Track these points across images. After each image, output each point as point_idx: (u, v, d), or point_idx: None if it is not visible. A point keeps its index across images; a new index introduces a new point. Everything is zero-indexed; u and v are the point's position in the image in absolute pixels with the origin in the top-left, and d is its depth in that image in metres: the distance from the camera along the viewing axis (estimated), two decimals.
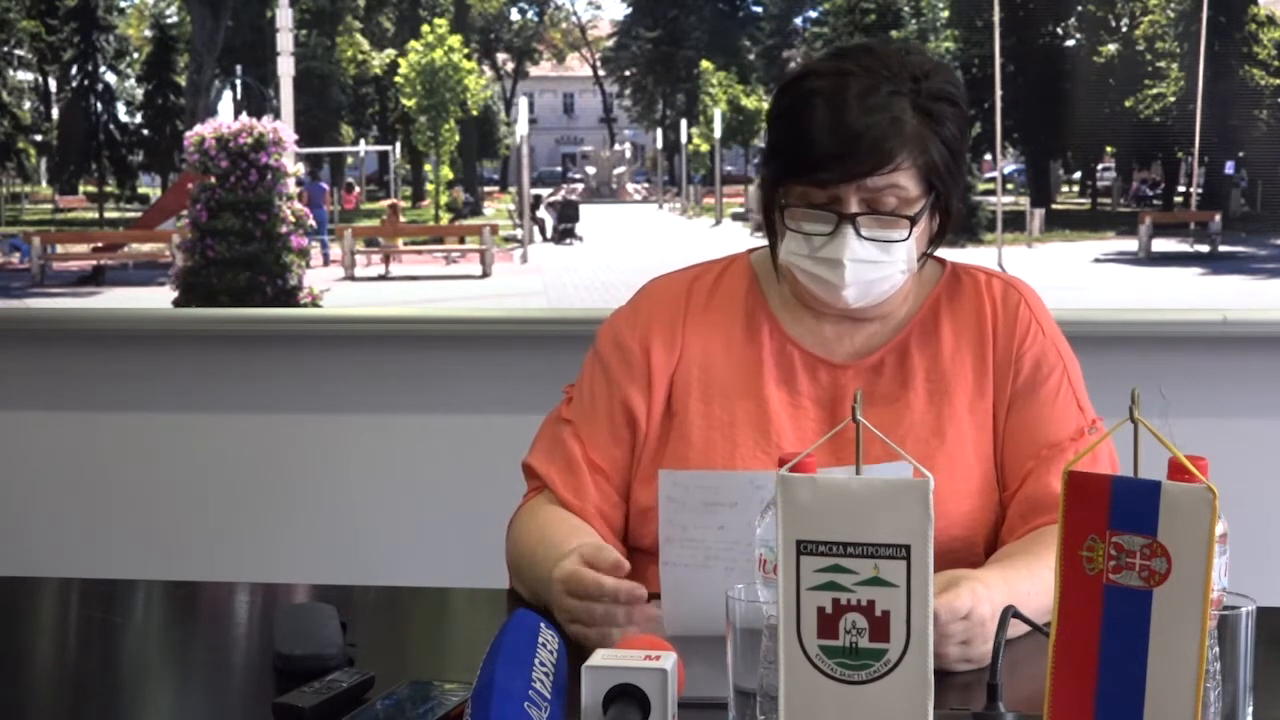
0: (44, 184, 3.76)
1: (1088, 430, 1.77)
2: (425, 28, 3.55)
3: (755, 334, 1.83)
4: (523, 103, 3.70)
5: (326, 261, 3.60)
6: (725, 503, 1.54)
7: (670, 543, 1.57)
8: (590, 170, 3.74)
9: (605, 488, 1.81)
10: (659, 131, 3.68)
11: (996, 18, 3.29)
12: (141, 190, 3.71)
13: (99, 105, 3.69)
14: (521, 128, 3.68)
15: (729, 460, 1.76)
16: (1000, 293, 1.83)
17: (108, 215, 3.68)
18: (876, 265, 1.71)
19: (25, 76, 3.71)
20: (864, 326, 1.82)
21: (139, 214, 3.68)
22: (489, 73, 3.65)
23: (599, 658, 1.21)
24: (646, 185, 3.75)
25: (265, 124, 3.46)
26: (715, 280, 1.88)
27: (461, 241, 3.70)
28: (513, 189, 3.67)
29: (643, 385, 1.82)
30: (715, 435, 1.78)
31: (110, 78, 3.69)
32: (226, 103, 3.65)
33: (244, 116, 3.51)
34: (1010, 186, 3.49)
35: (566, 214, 3.67)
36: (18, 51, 3.68)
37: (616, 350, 1.85)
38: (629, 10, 3.63)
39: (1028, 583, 1.53)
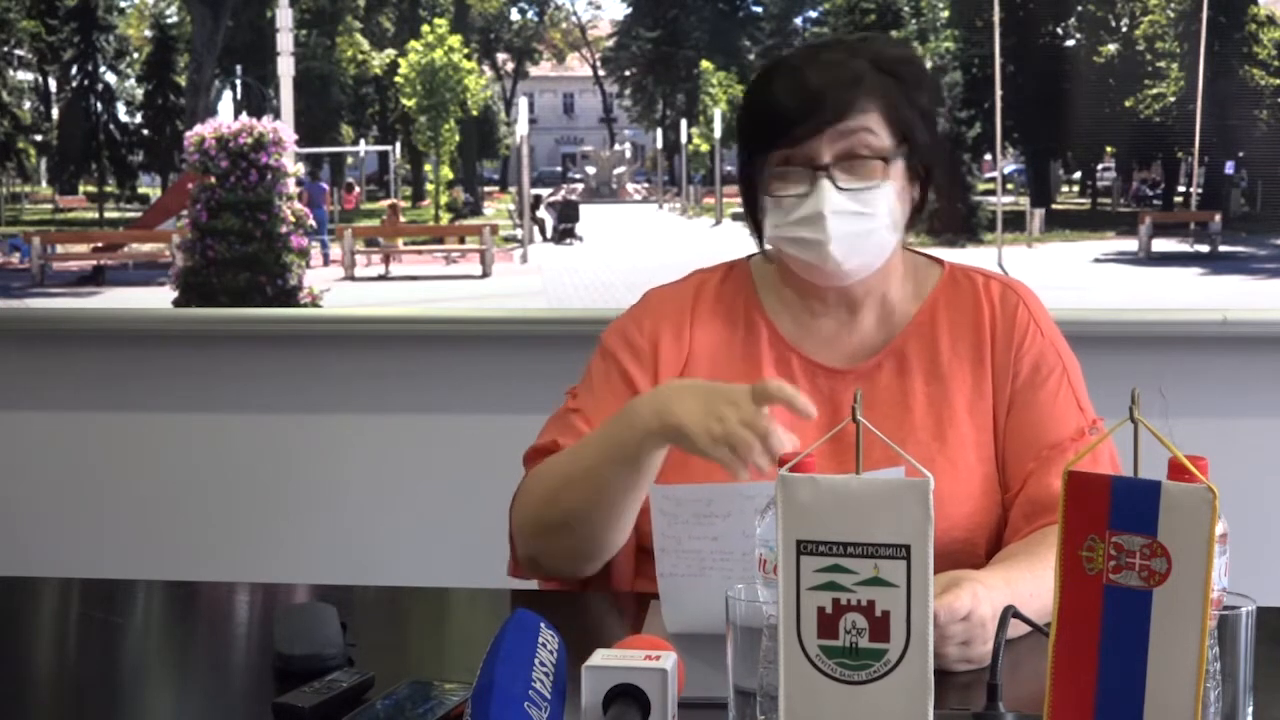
0: (44, 184, 3.76)
1: (1088, 430, 1.77)
2: (425, 28, 3.55)
3: (754, 340, 1.84)
4: (523, 103, 3.70)
5: (326, 261, 3.60)
6: (718, 514, 1.55)
7: (665, 554, 1.57)
8: (590, 170, 3.74)
9: None
10: (659, 131, 3.68)
11: (996, 18, 3.29)
12: (141, 190, 3.70)
13: (99, 105, 3.69)
14: (521, 128, 3.67)
15: None
16: (999, 294, 1.83)
17: (108, 215, 3.68)
18: (859, 217, 1.73)
19: (25, 76, 3.71)
20: (860, 320, 1.83)
21: (139, 214, 3.68)
22: (489, 73, 3.65)
23: (599, 658, 1.21)
24: (646, 185, 3.75)
25: (265, 124, 3.46)
26: (718, 287, 1.89)
27: (461, 241, 3.70)
28: (513, 189, 3.67)
29: (651, 376, 1.82)
30: None
31: (110, 78, 3.68)
32: (226, 103, 3.65)
33: (244, 116, 3.51)
34: (1010, 186, 3.49)
35: (566, 214, 3.67)
36: (18, 51, 3.68)
37: (625, 345, 1.86)
38: (629, 10, 3.63)
39: (1030, 583, 1.53)
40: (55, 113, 3.74)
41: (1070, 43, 3.40)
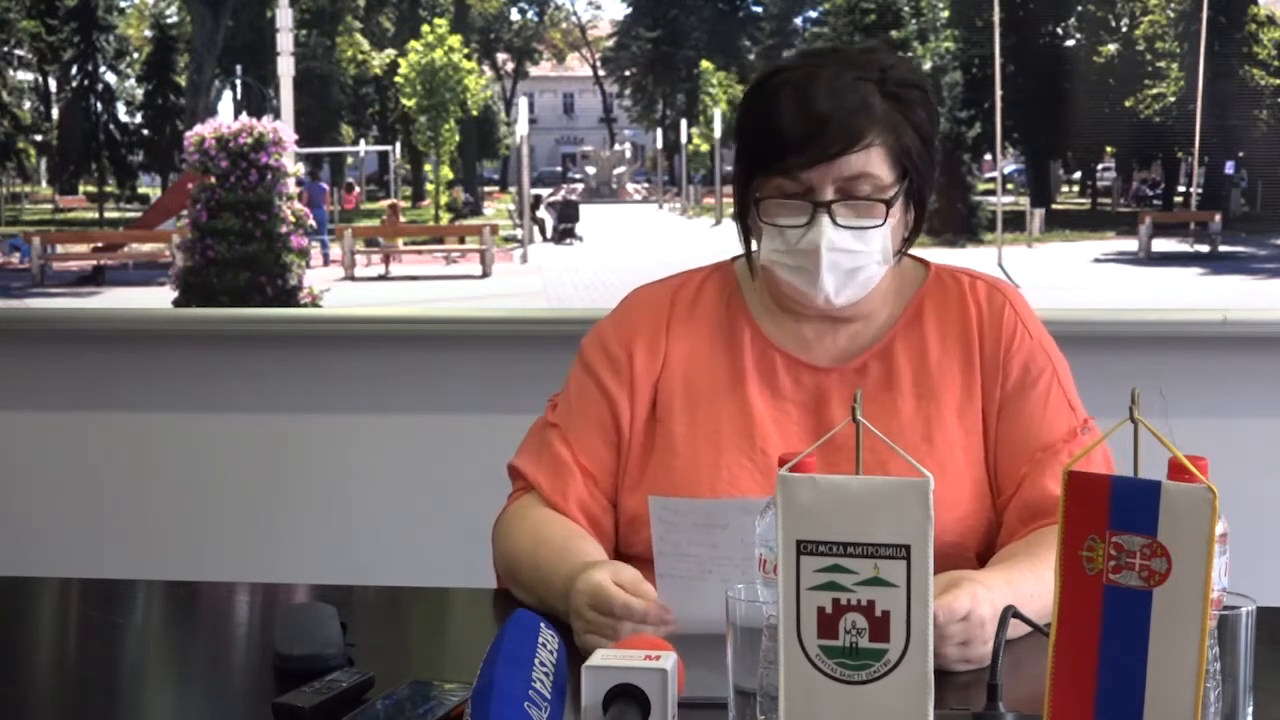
0: (44, 184, 3.76)
1: (1080, 430, 1.76)
2: (425, 28, 3.55)
3: (737, 339, 1.82)
4: (523, 103, 3.70)
5: (326, 261, 3.60)
6: (717, 525, 1.54)
7: (664, 556, 1.57)
8: (590, 170, 3.74)
9: (594, 490, 1.80)
10: (659, 131, 3.68)
11: (996, 18, 3.29)
12: (141, 190, 3.71)
13: (99, 105, 3.69)
14: (521, 128, 3.67)
15: (714, 467, 1.75)
16: (985, 295, 1.82)
17: (108, 215, 3.68)
18: (853, 255, 1.71)
19: (25, 76, 3.71)
20: (845, 328, 1.81)
21: (139, 214, 3.68)
22: (489, 73, 3.65)
23: (599, 658, 1.21)
24: (646, 185, 3.75)
25: (265, 124, 3.46)
26: (698, 288, 1.88)
27: (461, 241, 3.70)
28: (513, 189, 3.67)
29: (627, 390, 1.81)
30: (700, 442, 1.77)
31: (110, 78, 3.68)
32: (226, 103, 3.65)
33: (244, 116, 3.51)
34: (1010, 186, 3.49)
35: (566, 214, 3.67)
36: (18, 51, 3.68)
37: (602, 356, 1.85)
38: (629, 10, 3.63)
39: (1031, 583, 1.53)
40: (55, 113, 3.74)
41: (1070, 43, 3.40)
